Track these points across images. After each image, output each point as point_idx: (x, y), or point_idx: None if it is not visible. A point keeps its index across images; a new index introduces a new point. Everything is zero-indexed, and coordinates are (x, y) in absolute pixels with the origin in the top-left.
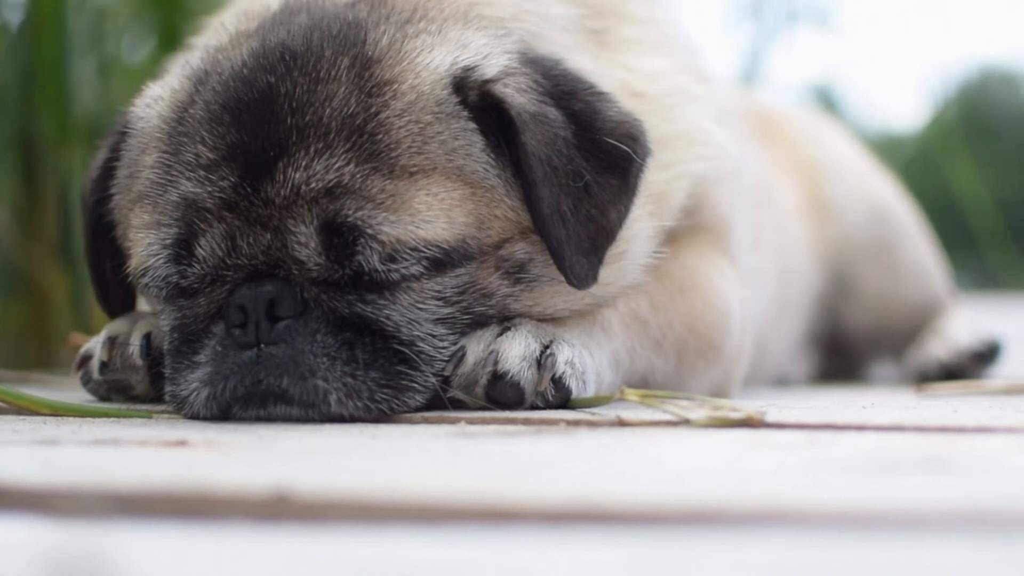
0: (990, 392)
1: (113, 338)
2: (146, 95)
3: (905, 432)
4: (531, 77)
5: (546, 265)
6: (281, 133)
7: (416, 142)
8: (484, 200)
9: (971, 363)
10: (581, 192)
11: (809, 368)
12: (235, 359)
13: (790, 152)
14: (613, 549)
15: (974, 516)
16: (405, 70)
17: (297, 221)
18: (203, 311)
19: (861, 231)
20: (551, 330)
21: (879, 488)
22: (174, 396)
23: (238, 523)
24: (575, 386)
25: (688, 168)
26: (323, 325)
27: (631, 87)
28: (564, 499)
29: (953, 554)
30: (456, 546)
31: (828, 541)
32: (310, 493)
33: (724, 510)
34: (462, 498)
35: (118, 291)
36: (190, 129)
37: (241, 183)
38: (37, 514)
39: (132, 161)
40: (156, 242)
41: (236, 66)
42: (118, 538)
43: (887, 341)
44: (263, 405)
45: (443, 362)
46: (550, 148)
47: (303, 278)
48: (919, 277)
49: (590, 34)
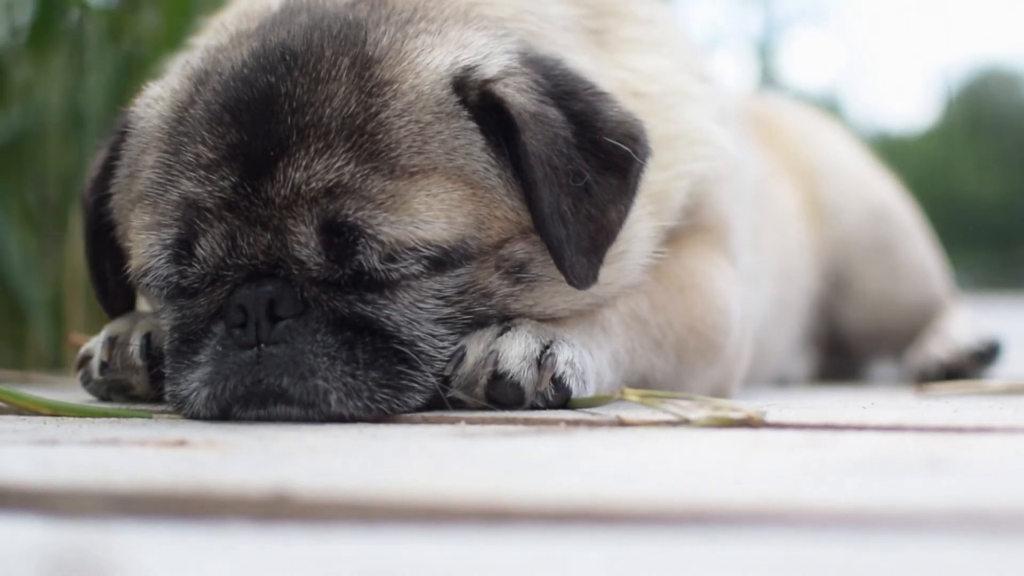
0: (990, 392)
1: (113, 338)
2: (146, 95)
3: (905, 432)
4: (531, 77)
5: (546, 265)
6: (281, 133)
7: (416, 142)
8: (484, 200)
9: (971, 363)
10: (581, 192)
11: (809, 368)
12: (235, 359)
13: (790, 152)
14: (613, 549)
15: (974, 516)
16: (405, 70)
17: (297, 221)
18: (203, 311)
19: (861, 231)
20: (551, 330)
21: (879, 488)
22: (174, 396)
23: (238, 523)
24: (575, 386)
25: (688, 168)
26: (323, 325)
27: (631, 87)
28: (564, 499)
29: (953, 554)
30: (456, 546)
31: (828, 541)
32: (310, 493)
33: (724, 510)
34: (462, 498)
35: (118, 291)
36: (190, 129)
37: (241, 183)
38: (37, 514)
39: (132, 161)
40: (156, 242)
41: (236, 66)
42: (118, 538)
43: (887, 341)
44: (263, 405)
45: (443, 362)
46: (550, 148)
47: (303, 278)
48: (919, 277)
49: (590, 34)
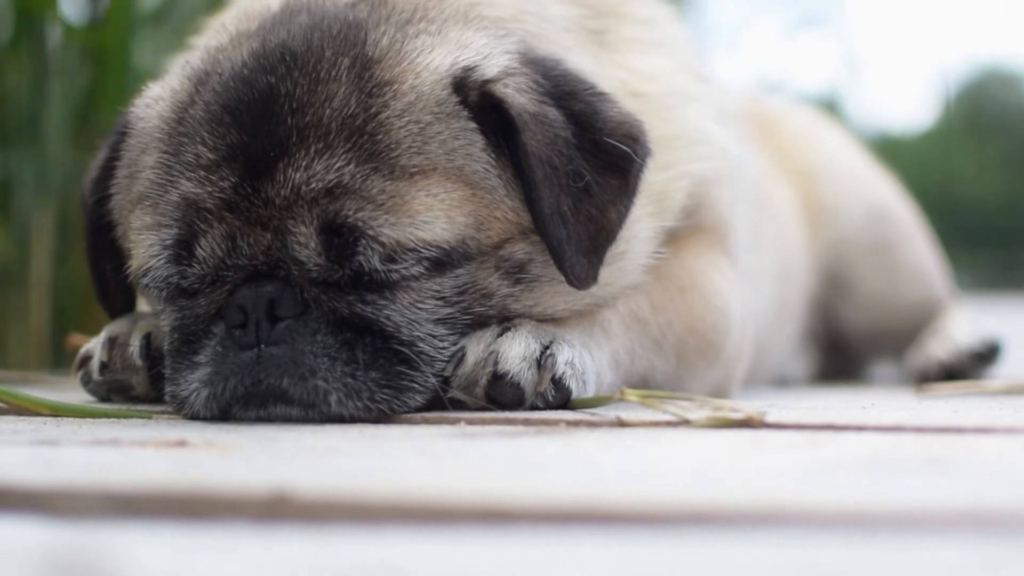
0: (990, 392)
1: (113, 338)
2: (146, 95)
3: (905, 432)
4: (531, 77)
5: (546, 265)
6: (281, 133)
7: (416, 142)
8: (484, 200)
9: (971, 363)
10: (581, 192)
11: (809, 368)
12: (235, 359)
13: (789, 152)
14: (613, 549)
15: (974, 516)
16: (405, 70)
17: (297, 221)
18: (203, 311)
19: (860, 231)
20: (551, 330)
21: (879, 488)
22: (174, 396)
23: (238, 523)
24: (575, 386)
25: (688, 168)
26: (323, 325)
27: (631, 87)
28: (564, 499)
29: (953, 554)
30: (456, 546)
31: (828, 541)
32: (310, 493)
33: (724, 510)
34: (462, 498)
35: (118, 291)
36: (190, 129)
37: (241, 183)
38: (37, 514)
39: (132, 161)
40: (156, 243)
41: (236, 66)
42: (118, 538)
43: (887, 341)
44: (263, 405)
45: (443, 362)
46: (550, 148)
47: (303, 278)
48: (919, 277)
49: (590, 34)
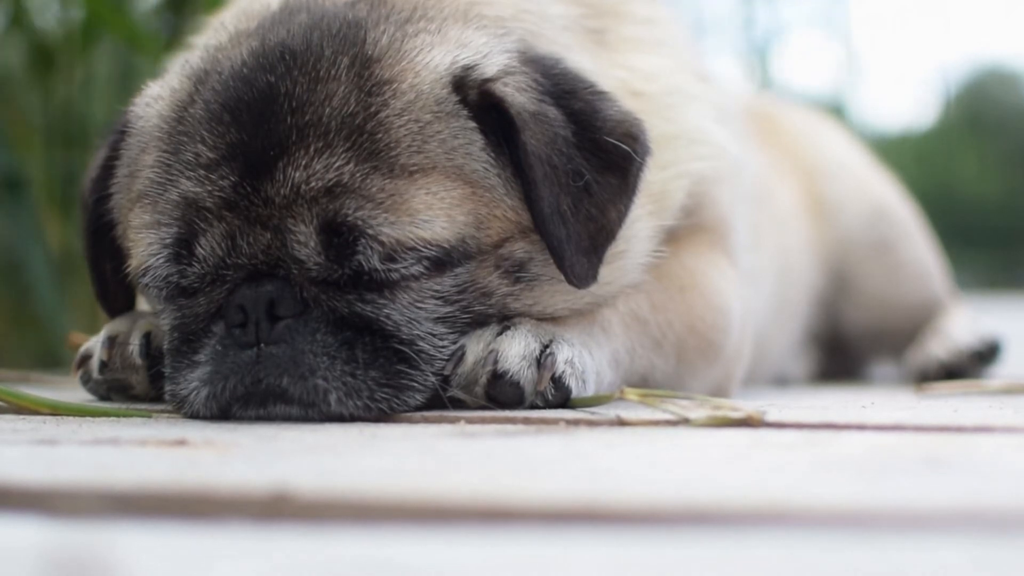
0: (990, 392)
1: (113, 338)
2: (146, 94)
3: (905, 432)
4: (531, 76)
5: (546, 264)
6: (281, 132)
7: (416, 141)
8: (484, 199)
9: (971, 363)
10: (581, 191)
11: (809, 368)
12: (235, 358)
13: (790, 151)
14: (613, 548)
15: (974, 516)
16: (405, 69)
17: (297, 220)
18: (203, 310)
19: (861, 231)
20: (551, 329)
21: (879, 488)
22: (174, 395)
23: (238, 523)
24: (575, 385)
25: (688, 167)
26: (323, 325)
27: (631, 86)
28: (564, 499)
29: (952, 554)
30: (456, 546)
31: (828, 541)
32: (310, 493)
33: (724, 510)
34: (462, 498)
35: (118, 291)
36: (190, 128)
37: (241, 182)
38: (37, 514)
39: (132, 160)
40: (156, 242)
41: (236, 65)
42: (118, 538)
43: (887, 341)
44: (263, 404)
45: (443, 361)
46: (550, 147)
47: (303, 278)
48: (919, 277)
49: (590, 33)
